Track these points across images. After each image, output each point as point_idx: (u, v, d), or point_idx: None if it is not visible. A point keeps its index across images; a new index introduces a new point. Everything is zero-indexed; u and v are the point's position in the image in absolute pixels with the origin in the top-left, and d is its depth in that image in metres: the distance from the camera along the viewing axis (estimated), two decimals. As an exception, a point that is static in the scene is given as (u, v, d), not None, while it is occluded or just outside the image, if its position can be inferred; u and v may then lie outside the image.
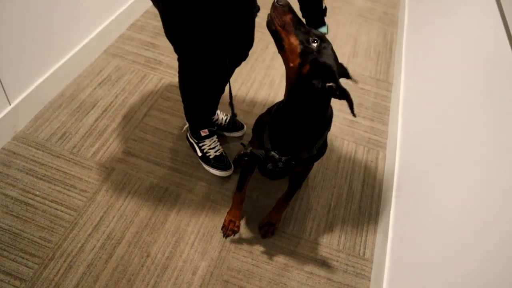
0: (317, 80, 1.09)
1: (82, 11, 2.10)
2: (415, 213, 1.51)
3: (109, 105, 2.06)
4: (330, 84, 1.09)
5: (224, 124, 1.99)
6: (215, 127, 1.94)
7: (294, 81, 1.14)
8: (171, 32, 1.40)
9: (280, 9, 1.09)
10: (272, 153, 1.28)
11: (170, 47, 1.47)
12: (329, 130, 1.34)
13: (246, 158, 1.31)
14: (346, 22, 2.97)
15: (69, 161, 1.81)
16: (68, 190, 1.71)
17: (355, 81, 1.26)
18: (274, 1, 1.09)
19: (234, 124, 2.01)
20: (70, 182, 1.74)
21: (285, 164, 1.29)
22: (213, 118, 1.96)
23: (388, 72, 2.59)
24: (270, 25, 1.11)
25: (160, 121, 2.03)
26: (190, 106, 1.75)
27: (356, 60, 2.63)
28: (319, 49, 1.09)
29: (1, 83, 1.74)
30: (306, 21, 1.34)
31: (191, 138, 1.85)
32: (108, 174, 1.79)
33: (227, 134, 2.03)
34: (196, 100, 1.70)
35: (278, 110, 1.29)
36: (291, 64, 1.11)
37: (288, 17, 1.09)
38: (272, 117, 1.31)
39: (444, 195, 1.32)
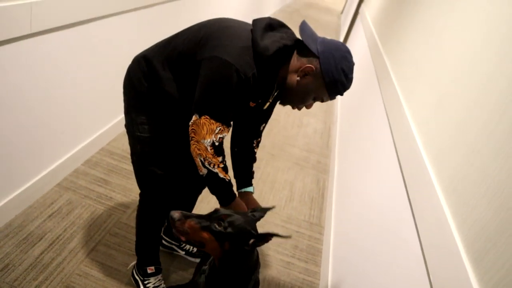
0: (246, 245, 1.28)
1: (38, 147, 2.24)
2: None
3: (57, 238, 2.13)
4: (251, 241, 1.28)
5: (191, 250, 2.17)
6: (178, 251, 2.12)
7: (222, 256, 1.30)
8: (141, 170, 1.64)
9: (178, 223, 1.23)
10: None
11: (122, 184, 1.65)
12: (258, 271, 1.52)
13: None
14: (284, 169, 3.34)
15: (8, 295, 1.80)
16: (3, 327, 1.69)
17: (285, 236, 1.34)
18: (171, 221, 1.23)
19: (200, 252, 2.17)
20: (6, 318, 1.72)
21: None
22: (182, 244, 2.15)
23: (320, 216, 2.88)
24: (180, 239, 1.25)
25: (107, 257, 2.10)
26: (143, 239, 1.88)
27: (292, 204, 2.91)
28: (229, 224, 1.27)
29: None
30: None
31: (137, 275, 1.93)
32: (48, 310, 1.79)
33: (192, 259, 2.19)
34: (150, 233, 1.85)
35: (212, 269, 1.42)
36: (216, 250, 1.28)
37: (188, 223, 1.24)
38: (207, 276, 1.44)
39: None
